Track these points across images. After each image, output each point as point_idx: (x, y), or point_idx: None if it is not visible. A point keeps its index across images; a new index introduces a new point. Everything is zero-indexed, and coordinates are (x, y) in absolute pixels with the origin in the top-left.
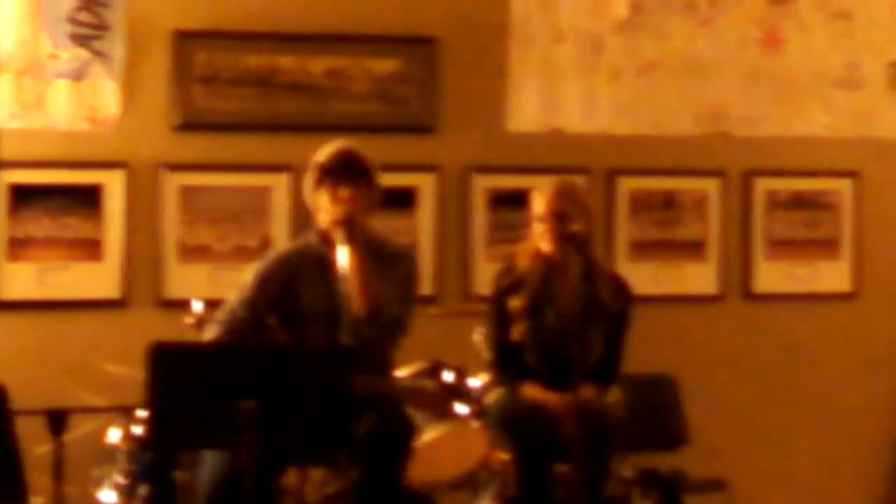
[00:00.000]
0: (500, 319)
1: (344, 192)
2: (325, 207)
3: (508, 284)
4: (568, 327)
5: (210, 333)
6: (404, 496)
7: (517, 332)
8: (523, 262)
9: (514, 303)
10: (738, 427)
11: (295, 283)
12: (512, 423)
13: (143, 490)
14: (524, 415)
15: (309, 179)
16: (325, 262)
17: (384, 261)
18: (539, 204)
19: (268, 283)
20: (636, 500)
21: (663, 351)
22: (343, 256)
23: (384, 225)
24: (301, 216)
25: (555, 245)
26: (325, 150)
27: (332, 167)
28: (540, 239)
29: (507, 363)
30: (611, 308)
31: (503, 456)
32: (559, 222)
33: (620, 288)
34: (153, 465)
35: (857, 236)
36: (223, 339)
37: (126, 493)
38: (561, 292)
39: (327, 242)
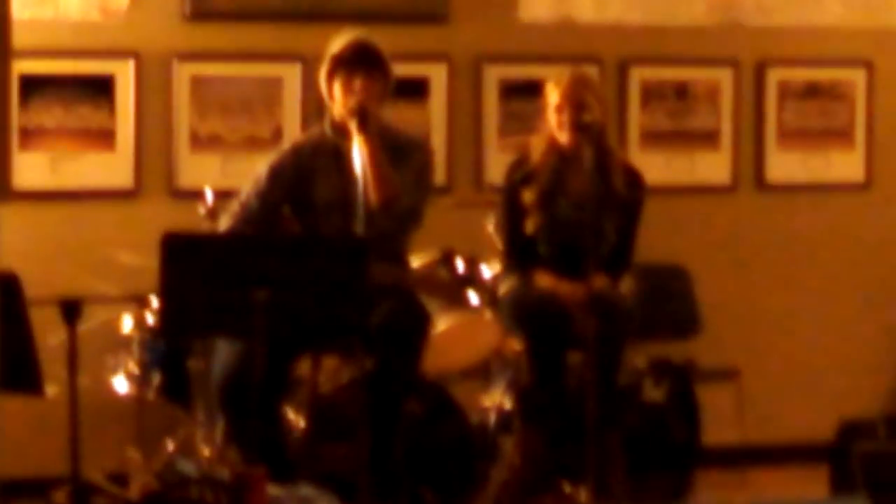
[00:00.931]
0: (513, 212)
1: (358, 83)
2: (338, 98)
3: (521, 177)
4: (581, 217)
5: (224, 224)
6: (417, 385)
7: (530, 224)
8: (536, 153)
9: (527, 195)
10: (750, 316)
11: (309, 174)
12: (524, 313)
13: (156, 378)
14: (537, 304)
15: (323, 70)
16: (339, 153)
17: (398, 151)
18: (554, 94)
19: (281, 175)
20: (648, 388)
21: (675, 241)
22: (357, 146)
23: (396, 115)
24: (313, 106)
25: (570, 135)
26: (339, 41)
27: (346, 57)
28: (555, 129)
29: (520, 254)
30: (624, 198)
31: (516, 345)
32: (575, 111)
33: (633, 178)
34: (166, 353)
35: (871, 126)
36: (236, 230)
37: (139, 381)
38: (574, 183)
39: (341, 133)
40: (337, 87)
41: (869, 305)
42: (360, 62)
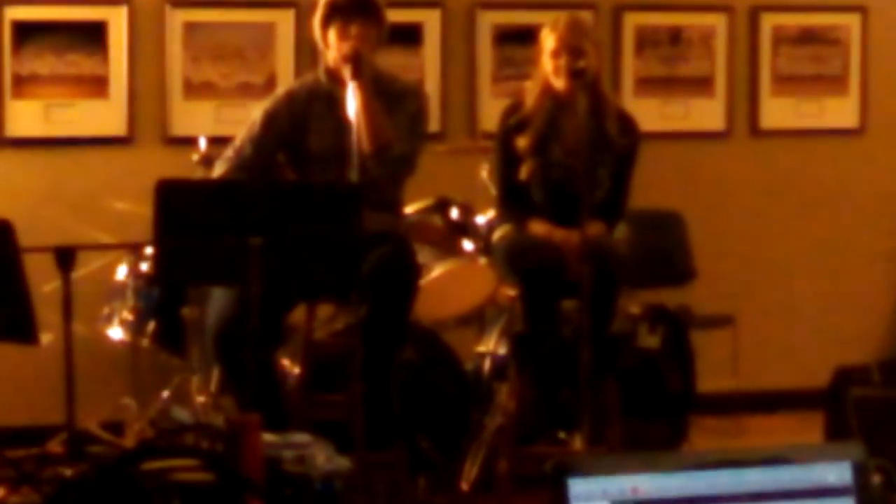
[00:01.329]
0: (507, 158)
1: (353, 29)
2: (333, 45)
3: (515, 123)
4: (575, 164)
5: (218, 171)
6: (411, 332)
7: (524, 170)
8: (530, 99)
9: (521, 141)
10: (745, 263)
11: (303, 121)
12: (519, 260)
13: (150, 326)
14: (531, 251)
15: (317, 16)
16: (333, 100)
17: (392, 98)
18: (550, 39)
19: (275, 121)
20: (643, 335)
21: (670, 187)
22: (351, 93)
23: (389, 62)
24: (306, 53)
25: (566, 80)
26: None
27: (342, 5)
28: (550, 74)
29: (514, 201)
30: (618, 144)
31: (510, 292)
32: (572, 56)
33: (627, 124)
34: (161, 301)
35: (865, 72)
36: (231, 177)
37: (134, 329)
38: (568, 129)
39: (336, 80)
40: (332, 34)
41: (863, 251)
42: (356, 9)
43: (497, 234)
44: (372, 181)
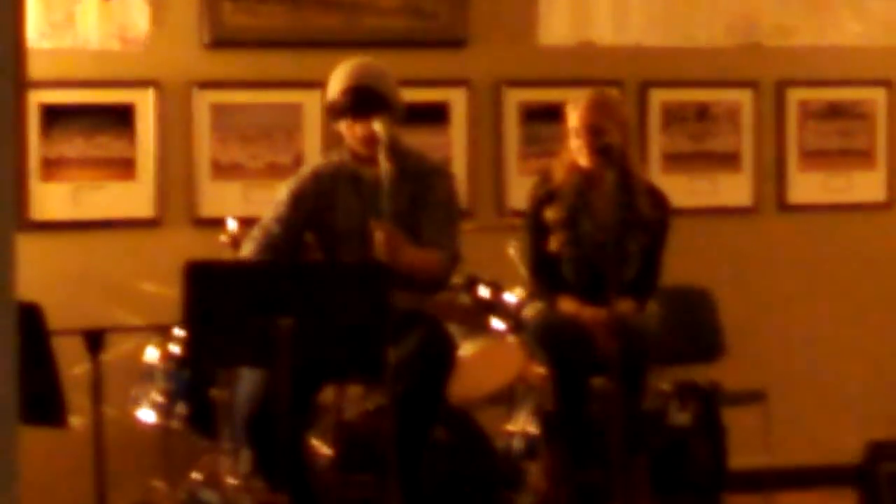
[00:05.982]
0: (537, 230)
1: (360, 129)
2: (347, 137)
3: (545, 194)
4: (605, 238)
5: (246, 250)
6: (443, 412)
7: (554, 242)
8: (559, 173)
9: (551, 213)
10: (775, 338)
11: (328, 198)
12: (549, 337)
13: (181, 408)
14: (561, 329)
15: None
16: (357, 179)
17: (421, 176)
18: (573, 117)
19: (302, 199)
20: (674, 412)
21: (698, 263)
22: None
23: (416, 141)
24: (333, 133)
25: (590, 159)
26: (336, 83)
27: (342, 108)
28: (576, 152)
29: (544, 274)
30: (648, 219)
31: (540, 370)
32: (594, 135)
33: (658, 199)
34: (191, 383)
35: (892, 146)
36: (259, 257)
37: (164, 411)
38: (597, 203)
39: (359, 160)
40: (343, 128)
41: (894, 325)
42: (357, 110)
43: (528, 312)
44: None
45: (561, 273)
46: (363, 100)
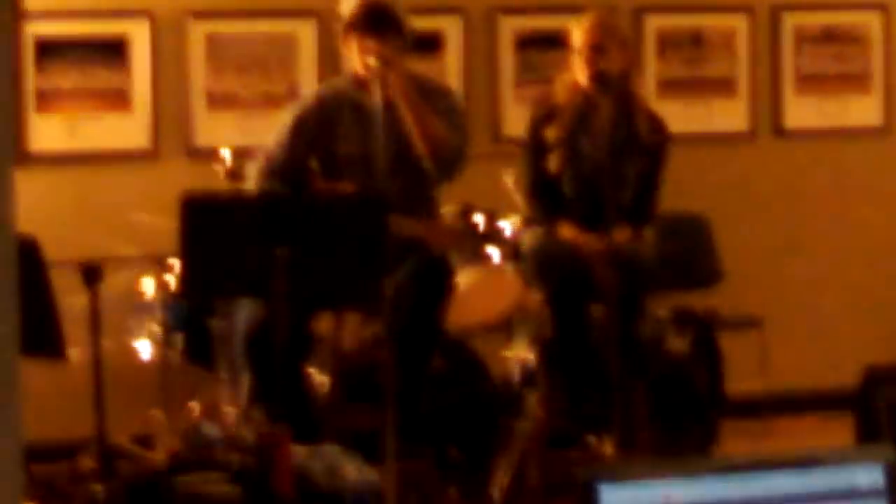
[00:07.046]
0: (537, 149)
1: (372, 45)
2: (356, 57)
3: (545, 114)
4: (603, 158)
5: (251, 178)
6: (440, 340)
7: (553, 161)
8: (561, 93)
9: (551, 132)
10: (771, 264)
11: (331, 126)
12: (547, 266)
13: (178, 339)
14: (559, 257)
15: (339, 30)
16: (359, 107)
17: (429, 96)
18: (576, 37)
19: (305, 125)
20: (671, 339)
21: (694, 189)
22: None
23: (411, 69)
24: (328, 63)
25: (588, 81)
26: (350, 1)
27: (358, 22)
28: (578, 72)
29: (544, 196)
30: (646, 143)
31: (537, 298)
32: (594, 54)
33: (657, 124)
34: (188, 315)
35: (888, 70)
36: (264, 184)
37: (161, 342)
38: (597, 123)
39: (362, 87)
40: (353, 49)
41: (890, 249)
42: (373, 25)
43: (526, 239)
44: (405, 188)
45: (560, 197)
46: (380, 16)
